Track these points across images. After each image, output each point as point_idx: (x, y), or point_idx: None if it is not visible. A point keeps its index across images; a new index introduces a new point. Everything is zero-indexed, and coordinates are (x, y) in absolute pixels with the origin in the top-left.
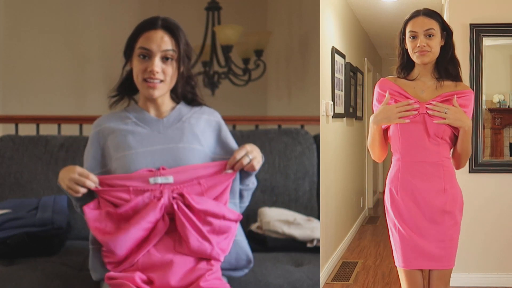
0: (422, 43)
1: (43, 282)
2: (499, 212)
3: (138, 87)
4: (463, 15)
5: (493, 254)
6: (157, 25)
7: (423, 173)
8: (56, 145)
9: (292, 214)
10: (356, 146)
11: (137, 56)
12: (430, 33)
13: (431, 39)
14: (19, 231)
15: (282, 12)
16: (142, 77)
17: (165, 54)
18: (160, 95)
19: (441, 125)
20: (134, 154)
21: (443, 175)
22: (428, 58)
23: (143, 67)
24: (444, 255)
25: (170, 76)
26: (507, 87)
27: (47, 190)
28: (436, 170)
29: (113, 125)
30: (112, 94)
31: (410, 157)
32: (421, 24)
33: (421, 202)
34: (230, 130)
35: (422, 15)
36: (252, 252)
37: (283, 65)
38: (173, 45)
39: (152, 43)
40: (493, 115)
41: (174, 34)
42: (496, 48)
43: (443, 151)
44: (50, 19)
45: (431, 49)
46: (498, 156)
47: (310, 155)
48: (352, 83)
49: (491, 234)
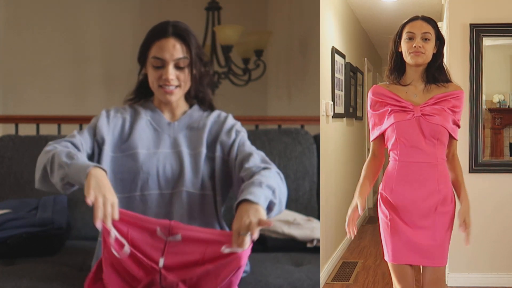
0: (419, 44)
1: (43, 282)
2: (499, 212)
3: (154, 92)
4: (463, 15)
5: (493, 254)
6: (168, 32)
7: (418, 173)
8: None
9: (292, 214)
10: (356, 146)
11: (151, 66)
12: (427, 36)
13: (426, 42)
14: (19, 231)
15: (282, 12)
16: (158, 84)
17: (178, 63)
18: (175, 100)
19: (437, 127)
20: (143, 155)
21: (438, 176)
22: (421, 59)
23: (158, 75)
24: (435, 252)
25: (184, 81)
26: (507, 87)
27: None
28: (431, 170)
29: (129, 116)
30: (129, 97)
31: (406, 157)
32: (419, 27)
33: (415, 200)
34: None
35: (421, 19)
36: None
37: (283, 65)
38: (184, 52)
39: (165, 52)
40: (493, 115)
41: (185, 40)
42: (496, 48)
43: (438, 152)
44: (50, 19)
45: (425, 51)
46: (498, 156)
47: (310, 155)
48: (352, 83)
49: (491, 234)
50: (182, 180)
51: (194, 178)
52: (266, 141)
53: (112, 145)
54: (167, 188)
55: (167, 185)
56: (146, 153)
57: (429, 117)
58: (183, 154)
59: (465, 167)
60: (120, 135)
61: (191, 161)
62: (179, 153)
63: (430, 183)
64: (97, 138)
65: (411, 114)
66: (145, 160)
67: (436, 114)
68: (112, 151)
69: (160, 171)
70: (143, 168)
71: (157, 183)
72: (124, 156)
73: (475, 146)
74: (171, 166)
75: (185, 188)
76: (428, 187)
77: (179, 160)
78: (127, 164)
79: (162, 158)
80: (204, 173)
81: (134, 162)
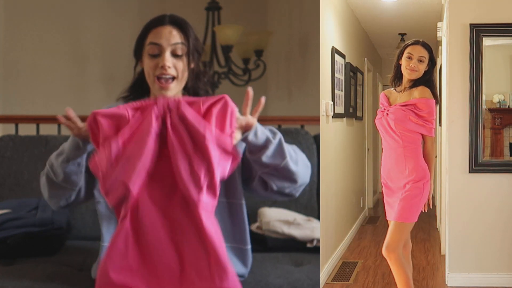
0: (414, 65)
1: (43, 282)
2: (499, 212)
3: (150, 87)
4: (463, 15)
5: (493, 254)
6: (165, 21)
7: (392, 157)
8: (56, 145)
9: (292, 214)
10: (356, 146)
11: (147, 54)
12: (422, 59)
13: (421, 63)
14: (19, 231)
15: (282, 12)
16: (154, 74)
17: (175, 48)
18: (173, 95)
19: (401, 122)
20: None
21: (405, 158)
22: (414, 75)
23: (154, 64)
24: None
25: (181, 71)
26: (507, 87)
27: None
28: (400, 154)
29: None
30: (124, 95)
31: (384, 145)
32: (418, 51)
33: (391, 176)
34: None
35: (420, 45)
36: (252, 252)
37: (283, 65)
38: (182, 38)
39: (161, 38)
40: (493, 115)
41: (182, 28)
42: (496, 48)
43: (404, 140)
44: (50, 19)
45: (418, 70)
46: (498, 156)
47: (310, 155)
48: (352, 83)
49: (491, 234)
50: None
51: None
52: None
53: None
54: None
55: None
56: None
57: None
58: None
59: (465, 167)
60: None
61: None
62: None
63: (400, 164)
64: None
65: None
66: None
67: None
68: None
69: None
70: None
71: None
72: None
73: (475, 146)
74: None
75: None
76: (398, 167)
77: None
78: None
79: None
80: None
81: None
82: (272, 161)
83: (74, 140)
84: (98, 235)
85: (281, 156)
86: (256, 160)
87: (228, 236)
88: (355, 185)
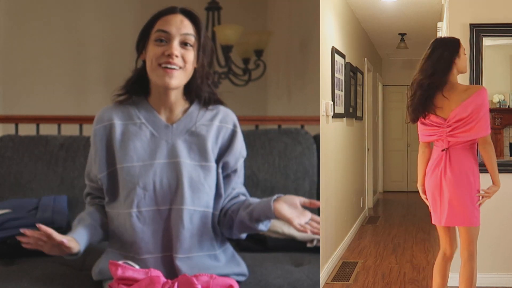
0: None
1: (43, 282)
2: (499, 212)
3: (151, 76)
4: (463, 15)
5: (493, 254)
6: (176, 10)
7: None
8: (56, 145)
9: None
10: (356, 146)
11: (153, 41)
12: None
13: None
14: (19, 231)
15: (282, 12)
16: (158, 62)
17: (185, 39)
18: (176, 86)
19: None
20: (138, 168)
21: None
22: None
23: (160, 51)
24: None
25: (190, 63)
26: (507, 87)
27: (47, 190)
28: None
29: (120, 123)
30: (119, 93)
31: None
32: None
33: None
34: None
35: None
36: (252, 253)
37: (283, 65)
38: (193, 30)
39: (171, 25)
40: (493, 115)
41: (194, 20)
42: (496, 48)
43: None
44: (50, 19)
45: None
46: (498, 156)
47: (310, 155)
48: (352, 83)
49: (491, 234)
50: (180, 195)
51: (193, 193)
52: (266, 141)
53: (103, 165)
54: (164, 204)
55: (164, 201)
56: (143, 166)
57: None
58: (182, 164)
59: None
60: (109, 149)
61: (189, 173)
62: (178, 163)
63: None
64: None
65: None
66: (143, 173)
67: None
68: (106, 169)
69: (157, 185)
70: (139, 183)
71: (153, 198)
72: (120, 168)
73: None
74: (168, 180)
75: (185, 206)
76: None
77: (177, 171)
78: (123, 181)
79: (158, 168)
80: (207, 187)
81: (129, 177)
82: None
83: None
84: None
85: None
86: (250, 226)
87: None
88: (355, 185)
